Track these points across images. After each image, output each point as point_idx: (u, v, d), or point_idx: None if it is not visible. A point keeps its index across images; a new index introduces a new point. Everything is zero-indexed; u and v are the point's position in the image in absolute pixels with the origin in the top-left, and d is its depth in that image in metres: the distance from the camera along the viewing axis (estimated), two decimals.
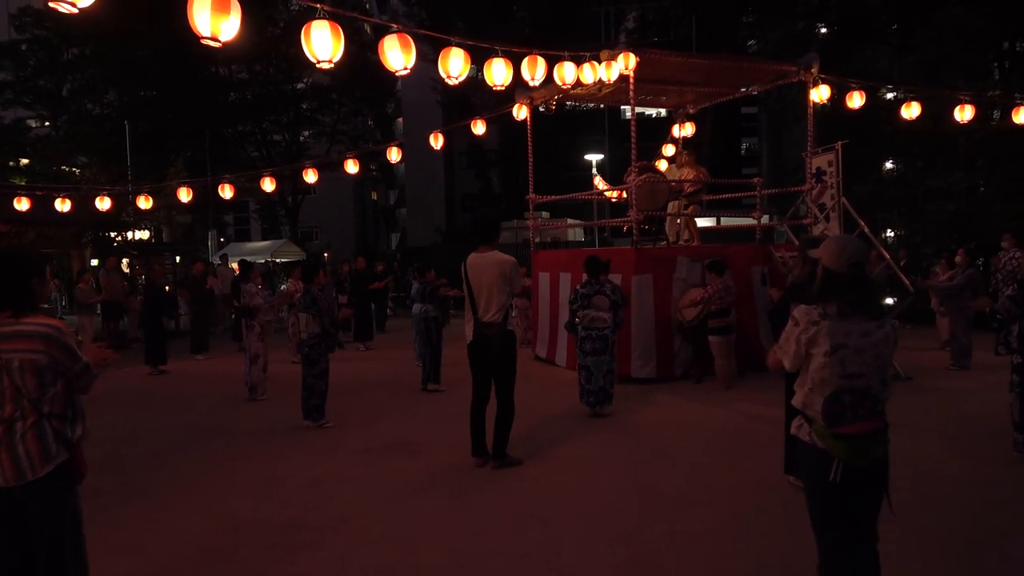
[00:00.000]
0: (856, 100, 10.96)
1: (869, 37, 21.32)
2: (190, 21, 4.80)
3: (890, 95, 16.03)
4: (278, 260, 27.49)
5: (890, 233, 20.53)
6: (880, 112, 15.59)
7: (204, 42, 4.90)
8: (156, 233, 23.00)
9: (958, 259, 10.24)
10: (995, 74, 19.10)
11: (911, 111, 11.41)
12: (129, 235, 20.10)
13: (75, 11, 4.37)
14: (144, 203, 15.36)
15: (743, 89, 12.42)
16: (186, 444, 6.90)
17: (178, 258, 20.89)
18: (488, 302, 5.59)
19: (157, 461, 6.36)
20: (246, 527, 4.69)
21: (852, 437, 2.83)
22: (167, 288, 17.18)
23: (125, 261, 18.91)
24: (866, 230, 10.07)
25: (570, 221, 21.22)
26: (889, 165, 19.22)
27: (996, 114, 14.79)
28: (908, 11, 18.86)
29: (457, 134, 19.89)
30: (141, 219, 20.01)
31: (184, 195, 14.74)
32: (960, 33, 14.98)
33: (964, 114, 11.51)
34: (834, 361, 2.83)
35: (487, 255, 5.65)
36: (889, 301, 11.13)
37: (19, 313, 2.71)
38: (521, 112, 11.75)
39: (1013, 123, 11.74)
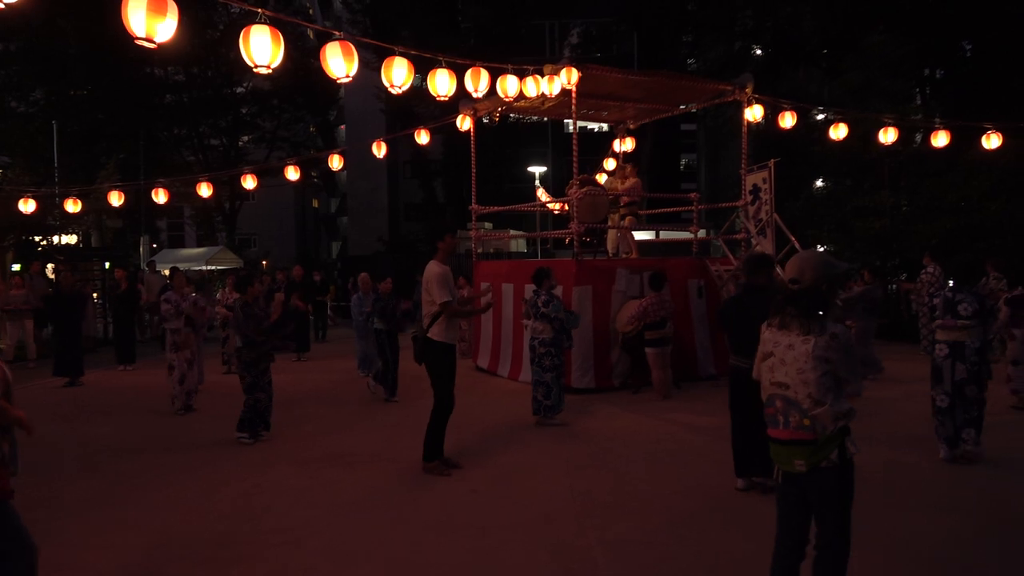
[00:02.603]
0: (788, 120, 11.36)
1: (801, 60, 22.19)
2: (124, 21, 4.68)
3: (820, 116, 16.70)
4: (213, 268, 26.78)
5: (820, 249, 21.31)
6: (811, 132, 16.24)
7: (139, 43, 4.78)
8: (84, 238, 22.13)
9: (866, 277, 10.69)
10: (917, 99, 20.13)
11: (839, 132, 11.89)
12: (55, 239, 19.27)
13: (1, 7, 4.21)
14: (72, 206, 14.80)
15: (682, 106, 12.75)
16: (110, 458, 6.64)
17: (107, 264, 20.10)
18: (425, 308, 5.89)
19: (79, 476, 6.12)
20: (176, 542, 4.55)
21: (775, 441, 3.02)
22: (95, 295, 16.55)
23: (50, 267, 18.12)
24: (797, 245, 10.43)
25: (513, 232, 21.36)
26: (820, 183, 19.99)
27: (918, 137, 15.57)
28: (837, 36, 19.71)
29: (401, 143, 19.79)
30: (69, 223, 19.23)
31: (115, 199, 14.25)
32: (884, 60, 15.72)
33: (888, 136, 12.07)
34: (765, 368, 3.07)
35: (429, 264, 5.92)
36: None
37: None
38: (465, 123, 11.80)
39: (933, 146, 12.38)
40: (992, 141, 11.84)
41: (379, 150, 12.99)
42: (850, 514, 2.99)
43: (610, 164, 13.54)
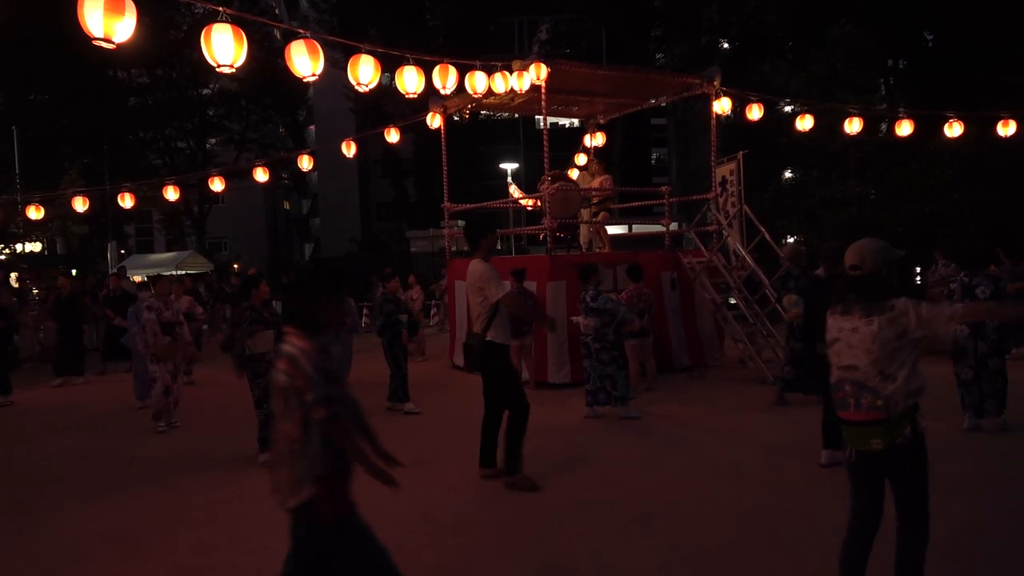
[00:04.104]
0: (755, 112, 11.48)
1: (767, 53, 22.43)
2: (80, 21, 4.58)
3: (787, 108, 16.90)
4: (183, 273, 26.43)
5: (790, 240, 21.56)
6: (778, 124, 16.43)
7: (96, 43, 4.68)
8: (49, 245, 21.73)
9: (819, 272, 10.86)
10: (881, 89, 20.45)
11: (805, 123, 12.03)
12: (18, 247, 18.89)
13: None
14: (35, 213, 14.50)
15: (651, 100, 12.81)
16: (76, 471, 6.50)
17: (74, 271, 19.74)
18: (474, 311, 5.52)
19: (46, 488, 5.99)
20: (149, 552, 4.47)
21: (850, 424, 3.13)
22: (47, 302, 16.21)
23: (14, 275, 17.75)
24: (767, 236, 10.55)
25: None
26: (788, 174, 20.23)
27: (883, 127, 15.82)
28: (803, 28, 19.96)
29: (371, 142, 19.65)
30: (32, 230, 18.86)
31: (80, 204, 13.99)
32: (848, 51, 15.95)
33: (853, 126, 12.23)
34: (832, 353, 3.21)
35: (471, 264, 5.52)
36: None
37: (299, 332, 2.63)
38: (435, 121, 11.74)
39: (897, 135, 12.58)
40: (954, 129, 12.07)
41: (349, 150, 12.90)
42: (928, 487, 3.10)
43: (582, 159, 13.58)
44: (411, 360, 11.00)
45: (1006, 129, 12.09)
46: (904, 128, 12.25)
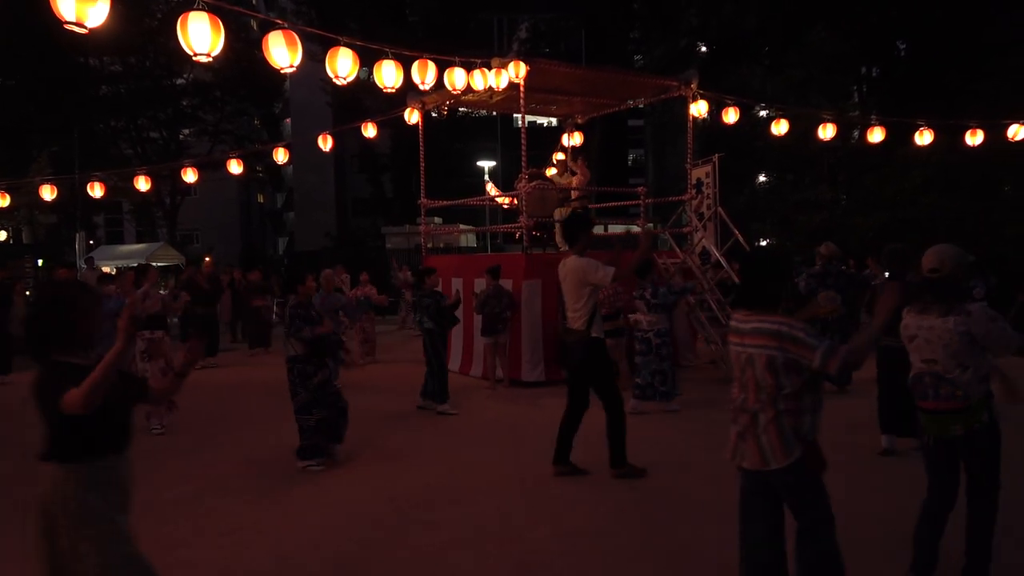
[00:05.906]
0: (731, 116, 11.58)
1: (744, 57, 22.68)
2: (52, 4, 4.48)
3: (763, 112, 17.11)
4: (154, 264, 26.01)
5: (764, 243, 21.83)
6: (754, 128, 16.64)
7: (68, 28, 4.59)
8: (15, 234, 21.26)
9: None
10: (854, 96, 20.79)
11: (780, 128, 12.18)
12: None
13: None
14: (0, 201, 14.18)
15: (629, 101, 12.87)
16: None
17: (40, 261, 19.34)
18: (572, 309, 5.46)
19: (13, 483, 5.87)
20: None
21: (930, 412, 3.40)
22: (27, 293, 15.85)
23: None
24: (740, 239, 10.66)
25: (462, 226, 21.29)
26: (763, 178, 20.48)
27: (856, 133, 16.09)
28: (780, 33, 20.21)
29: (348, 137, 19.51)
30: None
31: (48, 193, 13.70)
32: (824, 56, 16.19)
33: (826, 132, 12.40)
34: (913, 348, 3.49)
35: (568, 260, 5.54)
36: None
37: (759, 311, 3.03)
38: (413, 116, 11.68)
39: (869, 142, 12.78)
40: (925, 137, 12.29)
41: (325, 144, 12.78)
42: (999, 463, 3.37)
43: (559, 158, 13.61)
44: (361, 363, 10.85)
45: (974, 138, 12.33)
46: (876, 135, 12.44)
